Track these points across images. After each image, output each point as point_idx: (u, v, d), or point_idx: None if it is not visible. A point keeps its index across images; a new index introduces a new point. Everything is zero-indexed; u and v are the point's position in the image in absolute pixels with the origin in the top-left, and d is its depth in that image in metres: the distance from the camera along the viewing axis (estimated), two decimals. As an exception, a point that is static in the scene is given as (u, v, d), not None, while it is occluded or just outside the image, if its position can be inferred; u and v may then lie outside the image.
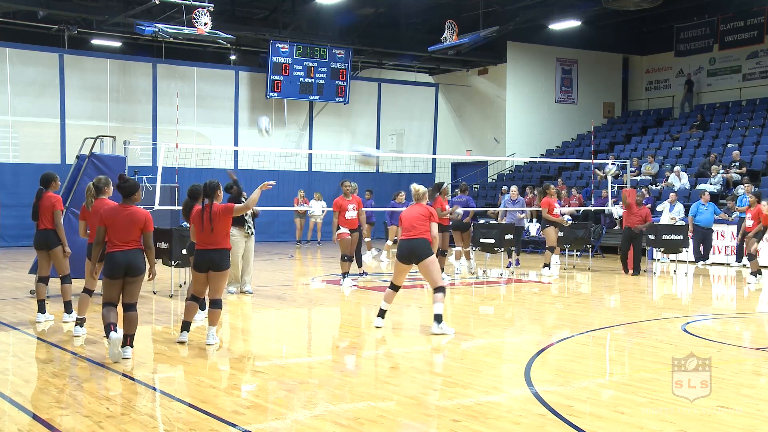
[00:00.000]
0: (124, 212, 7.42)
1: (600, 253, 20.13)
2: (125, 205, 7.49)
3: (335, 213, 13.16)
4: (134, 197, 7.55)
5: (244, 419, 5.52)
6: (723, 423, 5.43)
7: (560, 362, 7.55)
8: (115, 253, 7.35)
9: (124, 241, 7.36)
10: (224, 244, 8.00)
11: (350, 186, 13.27)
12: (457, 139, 29.70)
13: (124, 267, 7.34)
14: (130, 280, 7.41)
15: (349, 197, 13.20)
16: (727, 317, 10.96)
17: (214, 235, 7.93)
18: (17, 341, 8.65)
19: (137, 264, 7.38)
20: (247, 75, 26.35)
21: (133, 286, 7.46)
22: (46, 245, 9.33)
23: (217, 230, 7.95)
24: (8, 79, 22.34)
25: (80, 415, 5.64)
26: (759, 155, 21.88)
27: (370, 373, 7.26)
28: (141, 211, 7.48)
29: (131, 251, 7.36)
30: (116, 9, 21.79)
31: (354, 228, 13.16)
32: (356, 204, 13.21)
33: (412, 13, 25.55)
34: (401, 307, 11.54)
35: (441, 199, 13.38)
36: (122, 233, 7.36)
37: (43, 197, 9.36)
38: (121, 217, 7.40)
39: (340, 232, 13.06)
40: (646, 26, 28.77)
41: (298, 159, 26.16)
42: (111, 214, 7.46)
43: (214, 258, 7.92)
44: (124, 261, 7.33)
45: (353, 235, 13.14)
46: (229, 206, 8.14)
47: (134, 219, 7.39)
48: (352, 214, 13.12)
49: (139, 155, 22.11)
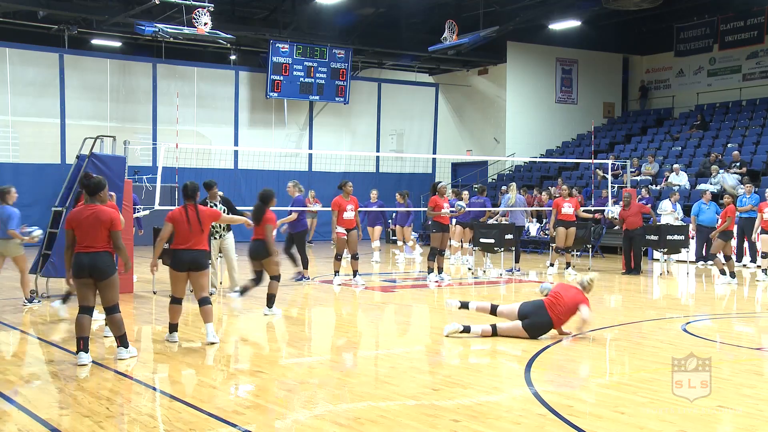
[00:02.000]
0: (90, 212, 7.14)
1: (600, 253, 20.13)
2: (90, 205, 7.19)
3: (333, 212, 13.33)
4: (100, 196, 7.30)
5: (244, 419, 5.52)
6: (723, 423, 5.44)
7: (560, 362, 7.55)
8: (79, 254, 7.09)
9: (90, 244, 7.07)
10: (205, 245, 8.12)
11: (351, 187, 13.49)
12: (457, 139, 29.69)
13: (89, 269, 7.07)
14: (99, 284, 7.13)
15: (348, 198, 13.35)
16: (727, 317, 10.96)
17: (200, 236, 8.01)
18: (17, 341, 8.65)
19: (102, 267, 7.07)
20: (247, 75, 26.36)
21: (106, 290, 7.15)
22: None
23: (200, 231, 8.06)
24: (8, 79, 22.35)
25: (80, 415, 5.63)
26: (759, 155, 21.88)
27: (370, 373, 7.26)
28: (106, 211, 7.18)
29: (96, 253, 7.07)
30: (116, 9, 21.79)
31: (351, 228, 13.34)
32: (354, 205, 13.39)
33: (412, 13, 25.54)
34: (402, 307, 11.54)
35: (437, 199, 13.62)
36: (88, 235, 7.07)
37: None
38: (86, 218, 7.11)
39: (338, 231, 13.28)
40: (646, 26, 28.75)
41: (298, 159, 26.17)
42: (76, 215, 7.20)
43: (197, 258, 8.01)
44: (88, 263, 7.06)
45: (350, 235, 13.33)
46: (216, 213, 8.37)
47: (100, 219, 7.08)
48: (350, 214, 13.29)
49: (139, 155, 22.12)
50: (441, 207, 13.59)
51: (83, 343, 7.15)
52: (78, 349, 7.18)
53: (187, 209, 8.05)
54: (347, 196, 13.33)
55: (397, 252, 18.85)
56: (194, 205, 8.09)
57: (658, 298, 13.16)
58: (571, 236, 15.61)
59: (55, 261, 11.42)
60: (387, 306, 11.75)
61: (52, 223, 12.03)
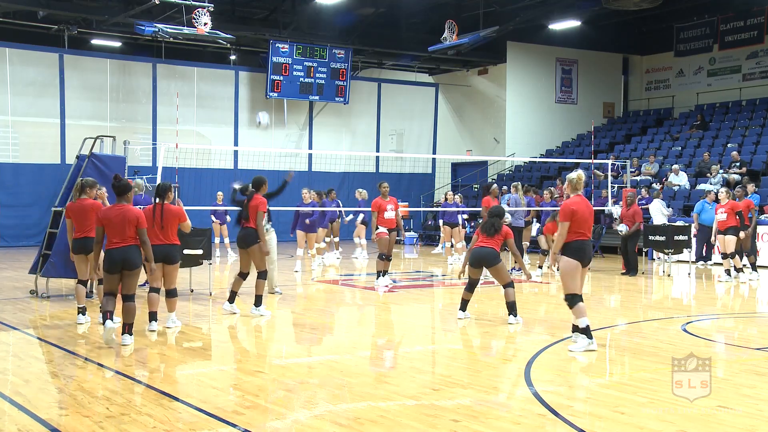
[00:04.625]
0: (119, 211, 7.92)
1: (600, 253, 20.12)
2: (119, 205, 8.00)
3: (374, 213, 13.43)
4: (127, 196, 8.06)
5: (244, 419, 5.52)
6: (723, 423, 5.43)
7: (560, 362, 7.55)
8: (112, 250, 7.89)
9: (120, 239, 7.85)
10: (174, 240, 8.81)
11: (387, 187, 13.58)
12: (457, 139, 29.69)
13: (121, 262, 7.85)
14: (127, 274, 7.91)
15: (387, 198, 13.46)
16: (727, 317, 10.96)
17: (164, 231, 8.67)
18: (17, 341, 8.65)
19: (132, 259, 7.88)
20: (247, 75, 26.36)
21: (130, 279, 7.95)
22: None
23: (167, 228, 8.71)
24: (8, 79, 22.34)
25: (80, 415, 5.63)
26: (759, 155, 21.87)
27: (370, 373, 7.26)
28: (133, 210, 7.96)
29: (127, 247, 7.86)
30: (116, 9, 21.79)
31: (392, 228, 13.44)
32: (394, 204, 13.52)
33: (412, 13, 25.55)
34: (403, 307, 11.54)
35: (490, 200, 14.35)
36: (117, 231, 7.86)
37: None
38: (116, 216, 7.89)
39: (379, 231, 13.32)
40: (646, 26, 28.75)
41: (298, 159, 26.17)
42: (106, 213, 8.01)
43: (168, 252, 8.66)
44: (119, 257, 7.84)
45: (391, 235, 13.41)
46: (182, 215, 8.87)
47: (127, 217, 7.87)
48: (390, 214, 13.39)
49: (139, 155, 22.13)
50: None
51: (110, 315, 7.91)
52: (103, 320, 7.99)
53: (155, 207, 8.74)
54: (386, 197, 13.45)
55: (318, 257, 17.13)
56: (162, 204, 8.74)
57: (658, 299, 13.16)
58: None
59: (55, 261, 11.42)
60: (387, 306, 11.74)
61: (52, 223, 12.02)
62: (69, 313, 10.15)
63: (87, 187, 9.55)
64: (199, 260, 12.00)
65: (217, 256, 18.48)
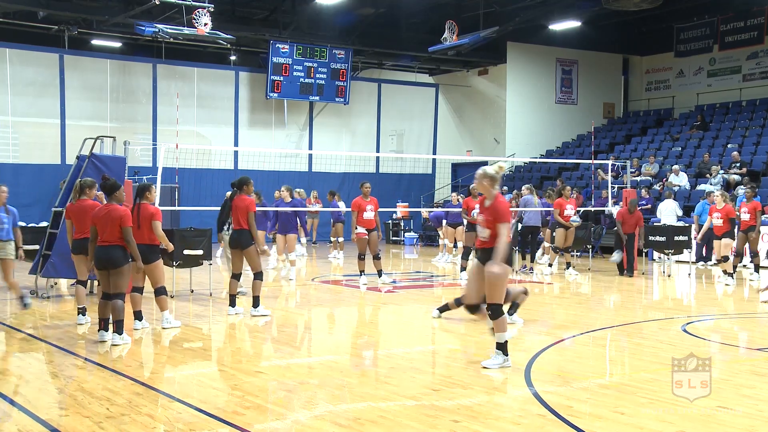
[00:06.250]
0: (106, 210, 8.11)
1: (600, 253, 20.12)
2: (108, 204, 8.19)
3: (354, 213, 13.47)
4: (116, 195, 8.19)
5: (244, 419, 5.52)
6: (723, 423, 5.43)
7: (560, 362, 7.55)
8: (97, 248, 8.12)
9: (104, 238, 8.04)
10: (151, 239, 8.86)
11: (369, 187, 13.65)
12: (457, 140, 29.68)
13: (103, 261, 8.05)
14: (112, 272, 8.07)
15: (368, 198, 13.50)
16: (727, 317, 10.96)
17: (140, 231, 8.71)
18: (18, 342, 8.65)
19: (113, 258, 8.02)
20: (247, 75, 26.35)
21: (115, 278, 8.07)
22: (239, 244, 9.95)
23: (143, 227, 8.79)
24: (8, 79, 22.33)
25: (80, 415, 5.63)
26: (759, 155, 21.87)
27: (370, 373, 7.26)
28: (118, 209, 8.08)
29: (109, 247, 8.02)
30: (116, 9, 21.79)
31: (371, 228, 13.46)
32: (374, 205, 13.53)
33: (412, 13, 25.55)
34: (401, 307, 11.54)
35: (562, 201, 15.29)
36: (103, 230, 8.05)
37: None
38: (104, 215, 8.08)
39: (358, 231, 13.38)
40: (646, 26, 28.74)
41: (298, 159, 26.17)
42: (97, 213, 8.20)
43: (142, 252, 8.50)
44: (102, 255, 8.05)
45: (370, 235, 13.44)
46: (155, 214, 8.90)
47: (111, 216, 8.02)
48: (369, 214, 13.42)
49: (139, 155, 22.12)
50: (564, 209, 15.20)
51: (104, 324, 8.22)
52: (99, 326, 8.28)
53: (134, 207, 8.91)
54: (366, 197, 13.48)
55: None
56: (139, 204, 8.91)
57: (658, 299, 13.16)
58: (571, 236, 15.61)
59: (55, 261, 11.41)
60: (387, 306, 11.75)
61: (52, 224, 12.02)
62: (69, 314, 10.15)
63: (86, 188, 9.55)
64: (200, 260, 12.00)
65: (218, 256, 18.47)
